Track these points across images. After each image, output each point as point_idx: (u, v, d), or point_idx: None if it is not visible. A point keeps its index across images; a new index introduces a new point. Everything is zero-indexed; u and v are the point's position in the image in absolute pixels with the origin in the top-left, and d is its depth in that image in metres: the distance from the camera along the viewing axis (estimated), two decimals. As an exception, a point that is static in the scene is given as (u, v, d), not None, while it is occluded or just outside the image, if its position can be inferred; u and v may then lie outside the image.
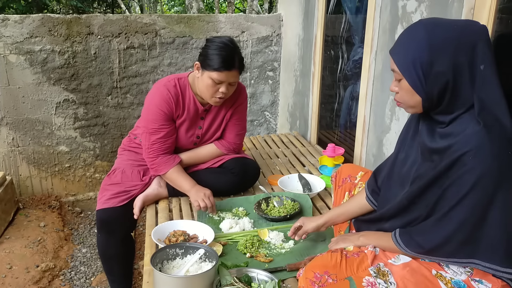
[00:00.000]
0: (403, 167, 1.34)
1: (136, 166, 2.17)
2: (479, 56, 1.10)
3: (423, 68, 1.13)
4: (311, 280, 1.21)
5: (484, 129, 1.08)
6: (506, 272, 1.13)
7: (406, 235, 1.26)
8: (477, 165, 1.07)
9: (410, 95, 1.18)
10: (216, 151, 2.17)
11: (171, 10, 13.87)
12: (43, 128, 3.29)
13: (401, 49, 1.18)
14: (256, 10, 7.33)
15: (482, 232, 1.12)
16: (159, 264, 1.47)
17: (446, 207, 1.14)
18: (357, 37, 2.60)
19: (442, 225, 1.16)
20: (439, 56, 1.11)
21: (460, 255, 1.17)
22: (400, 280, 1.20)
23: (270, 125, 4.01)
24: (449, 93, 1.13)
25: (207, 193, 1.96)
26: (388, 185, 1.40)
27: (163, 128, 2.00)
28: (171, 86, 2.00)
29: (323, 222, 1.60)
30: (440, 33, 1.12)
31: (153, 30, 3.33)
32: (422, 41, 1.12)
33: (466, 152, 1.08)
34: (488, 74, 1.11)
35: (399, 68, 1.17)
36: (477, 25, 1.15)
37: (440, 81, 1.12)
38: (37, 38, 3.08)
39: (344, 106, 2.83)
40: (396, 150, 1.42)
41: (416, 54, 1.13)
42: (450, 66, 1.10)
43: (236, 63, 1.89)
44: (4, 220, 2.88)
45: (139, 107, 3.49)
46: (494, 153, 1.06)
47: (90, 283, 2.71)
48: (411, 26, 1.19)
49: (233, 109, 2.14)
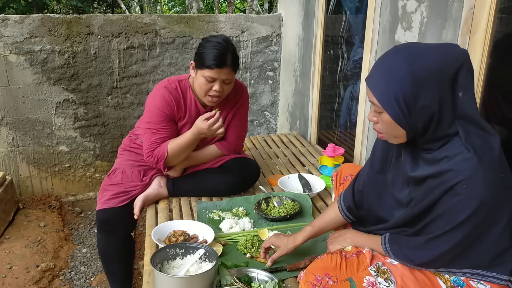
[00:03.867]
0: (394, 189, 1.33)
1: (137, 166, 2.17)
2: (460, 83, 1.08)
3: (407, 103, 1.09)
4: (312, 282, 1.21)
5: (475, 157, 1.06)
6: (493, 276, 1.15)
7: (396, 246, 1.26)
8: (470, 194, 1.06)
9: (392, 127, 1.15)
10: (217, 152, 2.17)
11: (171, 10, 13.86)
12: (43, 128, 3.29)
13: (381, 82, 1.12)
14: (256, 10, 7.33)
15: (475, 248, 1.14)
16: (159, 264, 1.47)
17: (440, 231, 1.14)
18: (357, 37, 2.60)
19: (436, 245, 1.16)
20: (423, 90, 1.07)
21: (450, 267, 1.19)
22: (400, 278, 1.21)
23: (270, 125, 4.01)
24: (435, 123, 1.11)
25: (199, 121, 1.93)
26: (379, 205, 1.37)
27: (165, 128, 2.00)
28: (172, 88, 2.00)
29: (300, 242, 1.51)
30: (422, 65, 1.07)
31: (153, 30, 3.33)
32: (404, 75, 1.07)
33: (459, 182, 1.07)
34: (467, 99, 1.09)
35: (380, 102, 1.12)
36: (458, 50, 1.11)
37: (425, 114, 1.09)
38: (37, 38, 3.08)
39: (344, 106, 2.83)
40: (375, 167, 1.38)
41: (399, 89, 1.08)
42: (436, 98, 1.07)
43: (228, 60, 1.88)
44: (4, 220, 2.88)
45: (139, 107, 3.49)
46: (487, 181, 1.05)
47: (90, 283, 2.71)
48: (388, 56, 1.13)
49: (235, 110, 2.14)
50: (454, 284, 1.18)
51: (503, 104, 1.66)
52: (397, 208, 1.32)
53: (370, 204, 1.41)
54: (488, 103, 1.67)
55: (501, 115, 1.69)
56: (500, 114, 1.69)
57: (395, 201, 1.33)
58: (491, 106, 1.68)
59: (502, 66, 1.60)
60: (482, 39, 1.57)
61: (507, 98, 1.64)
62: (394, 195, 1.33)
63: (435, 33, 1.81)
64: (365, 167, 1.46)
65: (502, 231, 1.11)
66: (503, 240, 1.13)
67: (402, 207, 1.30)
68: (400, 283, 1.19)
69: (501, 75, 1.62)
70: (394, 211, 1.33)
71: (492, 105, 1.68)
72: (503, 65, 1.60)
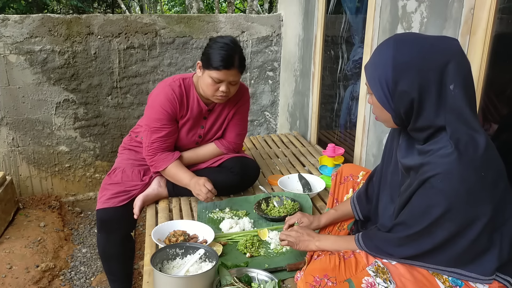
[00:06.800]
0: (392, 181, 1.35)
1: (137, 165, 2.17)
2: (449, 76, 1.08)
3: (389, 86, 1.13)
4: (311, 284, 1.21)
5: (456, 152, 1.06)
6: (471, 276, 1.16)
7: (371, 244, 1.28)
8: (445, 188, 1.07)
9: (380, 110, 1.20)
10: (216, 150, 2.17)
11: (171, 10, 13.86)
12: (43, 128, 3.29)
13: (371, 64, 1.18)
14: (256, 10, 7.33)
15: (454, 246, 1.15)
16: (159, 264, 1.47)
17: (418, 226, 1.15)
18: (357, 37, 2.60)
19: (418, 241, 1.17)
20: (403, 75, 1.10)
21: (429, 263, 1.20)
22: (398, 279, 1.21)
23: (270, 125, 4.01)
24: (415, 112, 1.13)
25: (201, 181, 1.95)
26: (381, 198, 1.42)
27: (165, 127, 2.00)
28: (176, 86, 2.01)
29: (323, 224, 1.63)
30: (406, 51, 1.10)
31: (153, 30, 3.33)
32: (388, 59, 1.12)
33: (435, 175, 1.08)
34: (458, 93, 1.09)
35: (368, 83, 1.18)
36: (450, 42, 1.12)
37: (405, 100, 1.12)
38: (37, 38, 3.08)
39: (344, 106, 2.83)
40: (383, 160, 1.44)
41: (382, 71, 1.13)
42: (415, 85, 1.09)
43: (236, 62, 1.89)
44: (4, 220, 2.88)
45: (139, 107, 3.49)
46: (463, 177, 1.05)
47: (90, 283, 2.71)
48: (384, 41, 1.18)
49: (236, 109, 2.14)
50: (453, 284, 1.18)
51: (503, 104, 1.67)
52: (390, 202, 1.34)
53: (372, 195, 1.45)
54: (488, 103, 1.67)
55: (501, 114, 1.69)
56: (500, 113, 1.69)
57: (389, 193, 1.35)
58: (491, 106, 1.68)
59: (502, 66, 1.60)
60: (482, 39, 1.57)
61: (507, 97, 1.64)
62: (391, 186, 1.36)
63: (435, 33, 1.81)
64: (380, 163, 1.49)
65: (482, 229, 1.10)
66: (484, 239, 1.12)
67: (395, 201, 1.32)
68: (399, 285, 1.19)
69: (501, 75, 1.62)
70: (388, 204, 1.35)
71: (492, 105, 1.68)
72: (503, 65, 1.60)
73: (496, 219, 1.11)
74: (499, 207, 1.11)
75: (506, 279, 1.16)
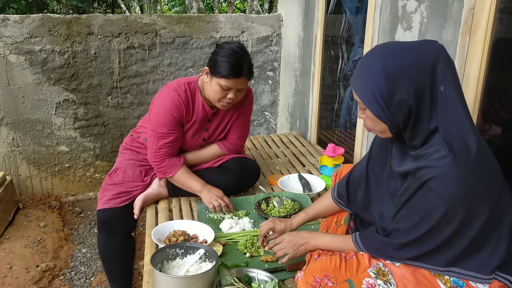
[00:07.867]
0: (389, 186, 1.35)
1: (138, 166, 2.17)
2: (439, 77, 1.09)
3: (384, 98, 1.12)
4: (311, 284, 1.21)
5: (451, 155, 1.07)
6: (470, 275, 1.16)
7: (370, 246, 1.28)
8: (444, 191, 1.07)
9: (375, 123, 1.19)
10: (218, 151, 2.17)
11: (171, 10, 13.87)
12: (43, 128, 3.29)
13: (360, 80, 1.17)
14: (256, 10, 7.33)
15: (454, 246, 1.15)
16: (159, 264, 1.47)
17: (419, 231, 1.15)
18: (357, 37, 2.60)
19: (420, 244, 1.18)
20: (397, 84, 1.10)
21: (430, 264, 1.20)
22: (400, 280, 1.20)
23: (270, 125, 4.01)
24: (413, 118, 1.13)
25: (220, 194, 1.99)
26: (377, 200, 1.41)
27: (172, 133, 1.99)
28: (181, 91, 1.99)
29: (295, 228, 1.61)
30: (395, 61, 1.10)
31: (153, 30, 3.33)
32: (379, 72, 1.11)
33: (432, 178, 1.08)
34: (449, 94, 1.09)
35: (361, 99, 1.17)
36: (434, 45, 1.13)
37: (403, 109, 1.12)
38: (37, 38, 3.08)
39: (344, 106, 2.83)
40: (368, 160, 1.43)
41: (375, 85, 1.12)
42: (411, 92, 1.09)
43: (245, 70, 1.87)
44: (4, 220, 2.88)
45: (139, 107, 3.49)
46: (460, 178, 1.06)
47: (90, 283, 2.71)
48: (366, 55, 1.18)
49: (239, 111, 2.14)
50: (454, 285, 1.18)
51: (503, 104, 1.67)
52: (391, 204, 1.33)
53: (364, 197, 1.44)
54: (488, 103, 1.67)
55: (501, 115, 1.69)
56: (499, 114, 1.69)
57: (390, 198, 1.34)
58: (490, 106, 1.68)
59: (502, 66, 1.60)
60: (482, 39, 1.57)
61: (507, 98, 1.64)
62: (389, 190, 1.35)
63: (435, 33, 1.81)
64: (362, 160, 1.48)
65: (481, 229, 1.11)
66: (482, 238, 1.13)
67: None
68: (400, 286, 1.19)
69: (501, 75, 1.62)
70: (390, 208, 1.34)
71: (492, 105, 1.68)
72: (503, 65, 1.60)
73: (493, 218, 1.12)
74: (496, 206, 1.11)
75: (506, 278, 1.16)
